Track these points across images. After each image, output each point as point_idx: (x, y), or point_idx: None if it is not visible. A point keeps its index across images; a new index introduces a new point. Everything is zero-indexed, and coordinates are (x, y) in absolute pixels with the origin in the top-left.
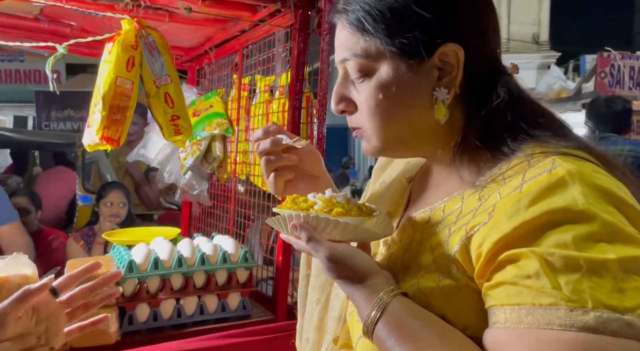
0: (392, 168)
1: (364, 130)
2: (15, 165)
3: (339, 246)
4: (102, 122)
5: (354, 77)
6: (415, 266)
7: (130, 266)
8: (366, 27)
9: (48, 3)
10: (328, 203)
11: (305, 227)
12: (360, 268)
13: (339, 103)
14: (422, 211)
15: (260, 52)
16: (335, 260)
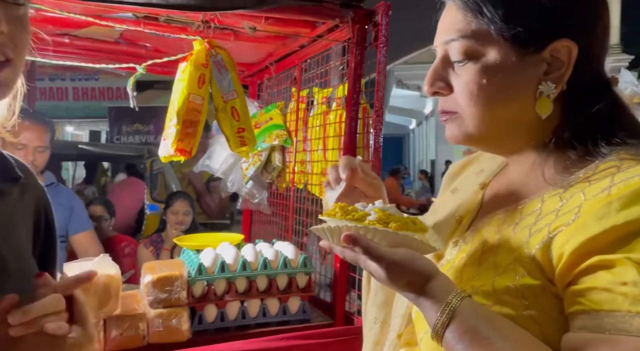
0: (464, 177)
1: (458, 115)
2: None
3: (399, 250)
4: (177, 135)
5: (456, 58)
6: (491, 266)
7: (199, 269)
8: (483, 10)
9: (129, 28)
10: (384, 215)
11: (361, 238)
12: (423, 270)
13: (434, 84)
14: (496, 213)
15: (317, 66)
16: (398, 265)
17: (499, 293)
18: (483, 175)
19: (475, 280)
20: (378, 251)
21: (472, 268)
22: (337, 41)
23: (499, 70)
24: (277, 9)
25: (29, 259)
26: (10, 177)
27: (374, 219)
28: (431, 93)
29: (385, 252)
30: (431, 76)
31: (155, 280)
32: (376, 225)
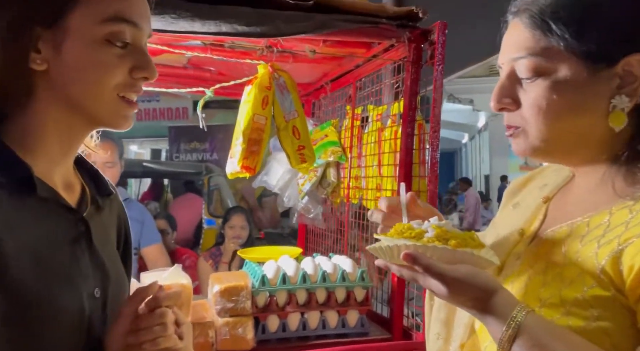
0: (527, 191)
1: (524, 129)
2: (152, 192)
3: (460, 267)
4: (242, 153)
5: (525, 75)
6: (558, 278)
7: (262, 281)
8: (552, 28)
9: (198, 55)
10: (441, 232)
11: (421, 256)
12: (485, 286)
13: (501, 100)
14: (561, 226)
15: (372, 84)
16: (461, 281)
17: (567, 304)
18: (546, 189)
19: (542, 292)
20: (439, 268)
21: (537, 281)
22: (393, 60)
23: (570, 86)
24: (335, 32)
25: (121, 268)
26: (106, 192)
27: (432, 236)
28: (498, 109)
29: (447, 269)
30: (498, 92)
31: (223, 290)
32: (435, 242)
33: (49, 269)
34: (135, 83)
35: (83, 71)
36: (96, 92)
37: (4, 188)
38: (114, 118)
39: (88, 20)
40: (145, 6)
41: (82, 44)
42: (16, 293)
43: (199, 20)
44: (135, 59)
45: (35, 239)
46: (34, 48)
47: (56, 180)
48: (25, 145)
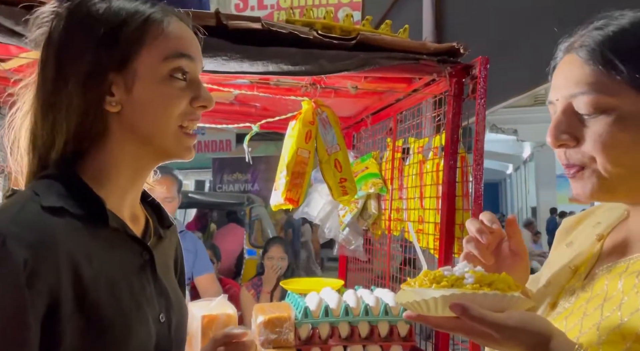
0: (580, 230)
1: (588, 170)
2: (196, 222)
3: (514, 314)
4: (286, 185)
5: (585, 111)
6: (616, 314)
7: (305, 312)
8: (614, 62)
9: (246, 92)
10: (482, 277)
11: (472, 306)
12: (541, 331)
13: (559, 136)
14: (617, 262)
15: (413, 117)
16: (516, 330)
17: (627, 340)
18: (600, 227)
19: (600, 329)
20: (492, 318)
21: (594, 316)
22: (433, 94)
23: (635, 121)
24: (377, 69)
25: (181, 294)
26: (167, 224)
27: (472, 282)
28: (556, 146)
29: (500, 318)
30: (555, 128)
31: (266, 321)
32: (483, 289)
33: (121, 295)
34: (194, 112)
35: (151, 107)
36: (163, 125)
37: (81, 220)
38: (179, 150)
39: (153, 60)
40: (197, 42)
41: (150, 82)
42: (95, 316)
43: (248, 61)
44: (194, 90)
45: (109, 267)
46: (108, 92)
47: (124, 213)
48: (99, 180)
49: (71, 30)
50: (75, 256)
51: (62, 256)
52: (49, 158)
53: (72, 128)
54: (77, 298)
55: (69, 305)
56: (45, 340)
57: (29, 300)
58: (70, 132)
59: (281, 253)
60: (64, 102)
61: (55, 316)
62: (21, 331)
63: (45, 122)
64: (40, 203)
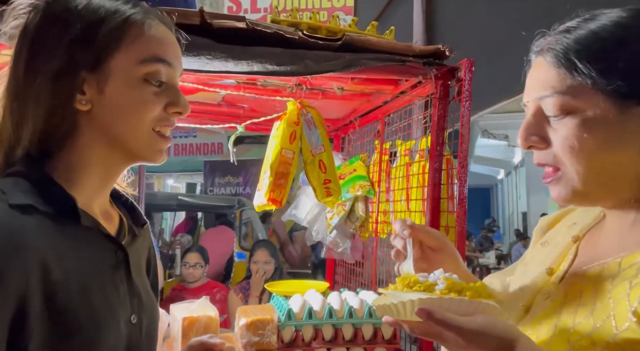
0: (555, 230)
1: (561, 174)
2: (186, 225)
3: (477, 318)
4: (270, 186)
5: (552, 114)
6: (588, 319)
7: (288, 315)
8: (578, 66)
9: (232, 92)
10: (452, 283)
11: (437, 311)
12: (505, 334)
13: (528, 138)
14: (592, 266)
15: (400, 120)
16: (479, 333)
17: (598, 347)
18: (576, 228)
19: (571, 334)
20: (456, 322)
21: (567, 322)
22: (419, 97)
23: (600, 124)
24: (363, 70)
25: (152, 295)
26: (141, 222)
27: (443, 288)
28: (526, 148)
29: (464, 321)
30: (525, 131)
31: (248, 323)
32: (451, 294)
33: (92, 296)
34: (169, 118)
35: (123, 109)
36: (135, 128)
37: (51, 219)
38: (150, 153)
39: (128, 62)
40: (177, 47)
41: (123, 84)
42: (62, 320)
43: (232, 60)
44: (170, 95)
45: (80, 267)
46: (79, 90)
47: (96, 211)
48: (69, 179)
49: (46, 23)
50: (45, 256)
51: (30, 257)
52: (14, 155)
53: (38, 124)
54: (46, 299)
55: (37, 307)
56: (11, 342)
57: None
58: (37, 128)
59: (266, 257)
60: (32, 97)
61: (22, 318)
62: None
63: (12, 116)
64: (7, 202)
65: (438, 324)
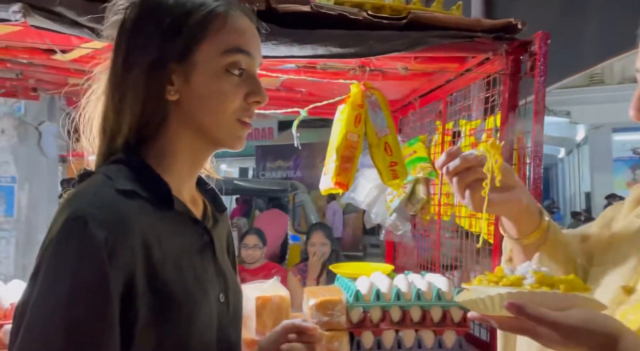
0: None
1: None
2: (241, 209)
3: (574, 313)
4: (336, 170)
5: None
6: None
7: (356, 296)
8: None
9: (293, 77)
10: (543, 278)
11: (529, 305)
12: (606, 330)
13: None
14: None
15: (464, 99)
16: (577, 329)
17: None
18: None
19: None
20: (552, 317)
21: None
22: (488, 74)
23: None
24: (428, 49)
25: (235, 276)
26: (222, 209)
27: (533, 282)
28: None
29: (559, 316)
30: (639, 101)
31: (318, 303)
32: (543, 288)
33: (186, 275)
34: (249, 107)
35: (207, 99)
36: (218, 117)
37: (150, 203)
38: (232, 140)
39: (211, 53)
40: (257, 38)
41: (206, 74)
42: (165, 295)
43: (297, 44)
44: (249, 85)
45: (175, 248)
46: (169, 81)
47: (185, 197)
48: (162, 165)
49: (142, 18)
50: (147, 237)
51: (136, 236)
52: (116, 143)
53: (136, 114)
54: (149, 277)
55: (142, 283)
56: (123, 317)
57: (110, 275)
58: (134, 118)
59: (322, 238)
60: (130, 88)
61: (131, 293)
62: (105, 304)
63: (114, 107)
64: (114, 187)
65: (530, 319)
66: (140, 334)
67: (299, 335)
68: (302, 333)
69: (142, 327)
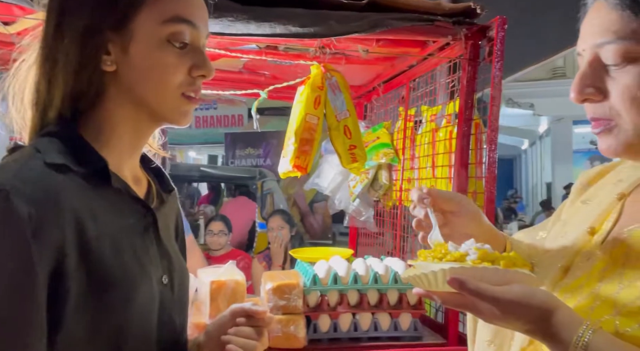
0: (598, 187)
1: (615, 124)
2: (209, 196)
3: (514, 288)
4: (294, 152)
5: (612, 62)
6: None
7: (314, 280)
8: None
9: (254, 57)
10: (485, 254)
11: (470, 280)
12: (544, 305)
13: (583, 90)
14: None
15: (426, 84)
16: (516, 303)
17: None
18: (622, 185)
19: (617, 298)
20: (492, 292)
21: (612, 285)
22: (448, 58)
23: None
24: (389, 31)
25: (181, 258)
26: (169, 188)
27: (475, 258)
28: (580, 101)
29: (499, 291)
30: (579, 82)
31: (275, 287)
32: (484, 263)
33: (124, 255)
34: (194, 81)
35: (147, 71)
36: (160, 91)
37: (84, 179)
38: (175, 115)
39: (151, 22)
40: (202, 8)
41: (145, 44)
42: (98, 276)
43: (255, 22)
44: (194, 58)
45: (112, 226)
46: (104, 50)
47: (126, 174)
48: (99, 140)
49: None
50: (79, 213)
51: (66, 212)
52: (48, 115)
53: (69, 85)
54: (81, 255)
55: (73, 262)
56: (52, 296)
57: (35, 252)
58: (68, 88)
59: (280, 222)
60: (62, 56)
61: (60, 272)
62: (29, 282)
63: (44, 77)
64: (43, 160)
65: (472, 294)
66: (71, 314)
67: (247, 319)
68: (250, 317)
69: (73, 307)
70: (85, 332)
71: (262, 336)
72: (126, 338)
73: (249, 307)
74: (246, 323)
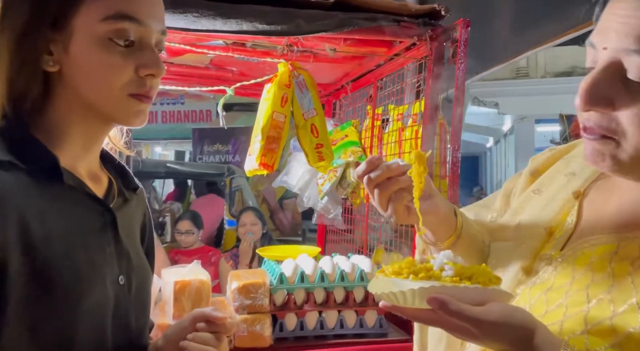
0: (549, 176)
1: (619, 142)
2: (176, 193)
3: (493, 308)
4: (261, 150)
5: (636, 77)
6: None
7: (280, 279)
8: None
9: (221, 53)
10: (462, 270)
11: (452, 301)
12: (523, 325)
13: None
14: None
15: (393, 84)
16: (497, 325)
17: (619, 335)
18: (576, 180)
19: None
20: (473, 313)
21: (580, 298)
22: (414, 59)
23: None
24: (356, 31)
25: (144, 259)
26: (132, 187)
27: (452, 275)
28: (586, 110)
29: (480, 313)
30: (591, 89)
31: (240, 287)
32: (465, 282)
33: (75, 254)
34: (142, 81)
35: (90, 71)
36: (104, 92)
37: (32, 177)
38: (125, 116)
39: (90, 19)
40: (152, 3)
41: (86, 43)
42: (44, 276)
43: (221, 18)
44: (140, 57)
45: (63, 225)
46: (45, 50)
47: (81, 172)
48: (50, 140)
49: None
50: (24, 212)
51: (9, 213)
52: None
53: (9, 84)
54: (26, 255)
55: (16, 264)
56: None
57: None
58: (8, 88)
59: (251, 218)
60: (1, 56)
61: (1, 274)
62: None
63: None
64: None
65: (452, 315)
66: (12, 318)
67: (208, 324)
68: (211, 322)
69: (14, 310)
70: (29, 335)
71: (221, 343)
72: (74, 341)
73: (209, 313)
74: (206, 328)
